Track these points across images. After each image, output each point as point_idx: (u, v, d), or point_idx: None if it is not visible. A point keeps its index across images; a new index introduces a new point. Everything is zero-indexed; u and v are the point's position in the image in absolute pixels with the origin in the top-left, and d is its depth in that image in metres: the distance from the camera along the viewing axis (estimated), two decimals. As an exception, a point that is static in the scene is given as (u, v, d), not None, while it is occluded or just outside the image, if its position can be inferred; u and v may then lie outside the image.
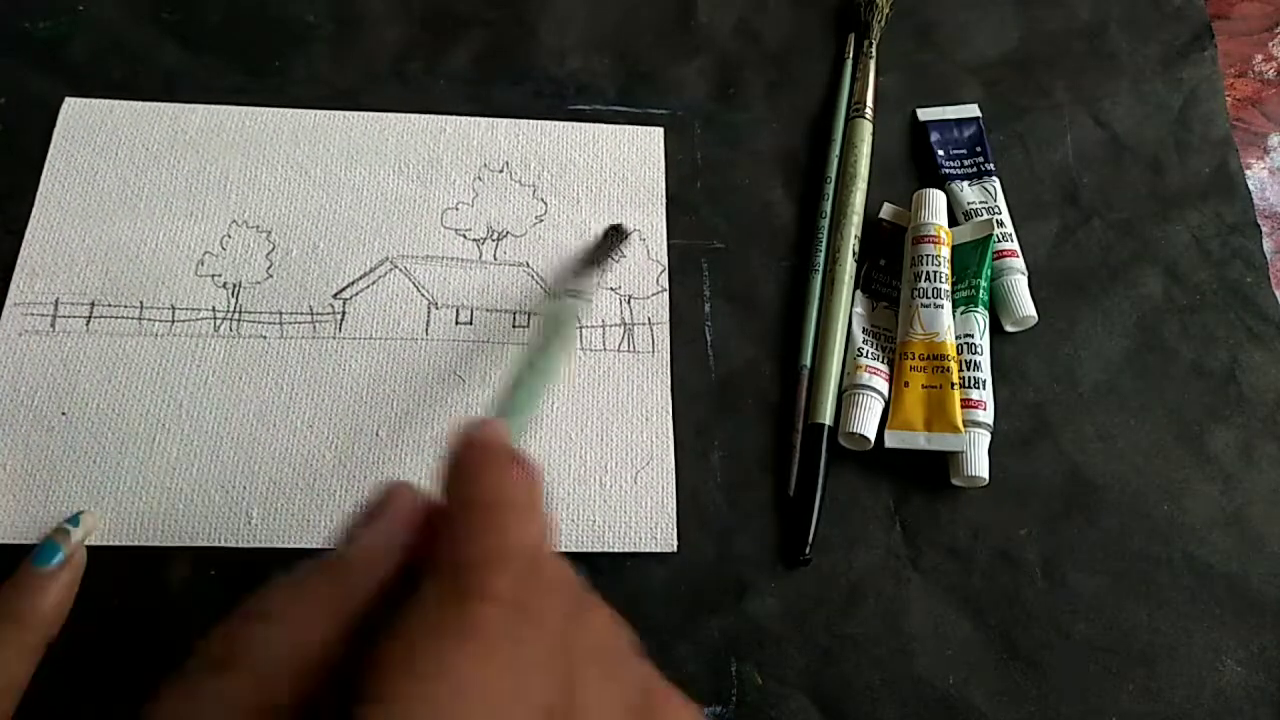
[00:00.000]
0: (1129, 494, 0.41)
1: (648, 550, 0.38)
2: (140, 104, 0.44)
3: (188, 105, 0.44)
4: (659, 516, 0.38)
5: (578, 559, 0.37)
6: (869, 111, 0.47)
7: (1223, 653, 0.38)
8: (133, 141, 0.44)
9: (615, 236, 0.43)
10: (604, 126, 0.46)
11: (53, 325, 0.40)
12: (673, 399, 0.41)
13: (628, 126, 0.46)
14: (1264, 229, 0.47)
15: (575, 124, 0.46)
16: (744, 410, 0.41)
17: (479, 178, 0.44)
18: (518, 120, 0.46)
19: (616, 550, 0.38)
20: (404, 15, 0.48)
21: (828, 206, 0.45)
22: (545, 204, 0.44)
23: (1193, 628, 0.38)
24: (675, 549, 0.38)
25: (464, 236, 0.43)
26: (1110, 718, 0.37)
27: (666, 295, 0.43)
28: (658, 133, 0.46)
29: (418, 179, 0.44)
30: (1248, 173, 0.48)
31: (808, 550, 0.38)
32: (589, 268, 0.42)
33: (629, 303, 0.42)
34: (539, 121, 0.46)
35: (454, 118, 0.46)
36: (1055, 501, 0.40)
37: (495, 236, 0.43)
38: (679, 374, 0.41)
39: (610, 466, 0.39)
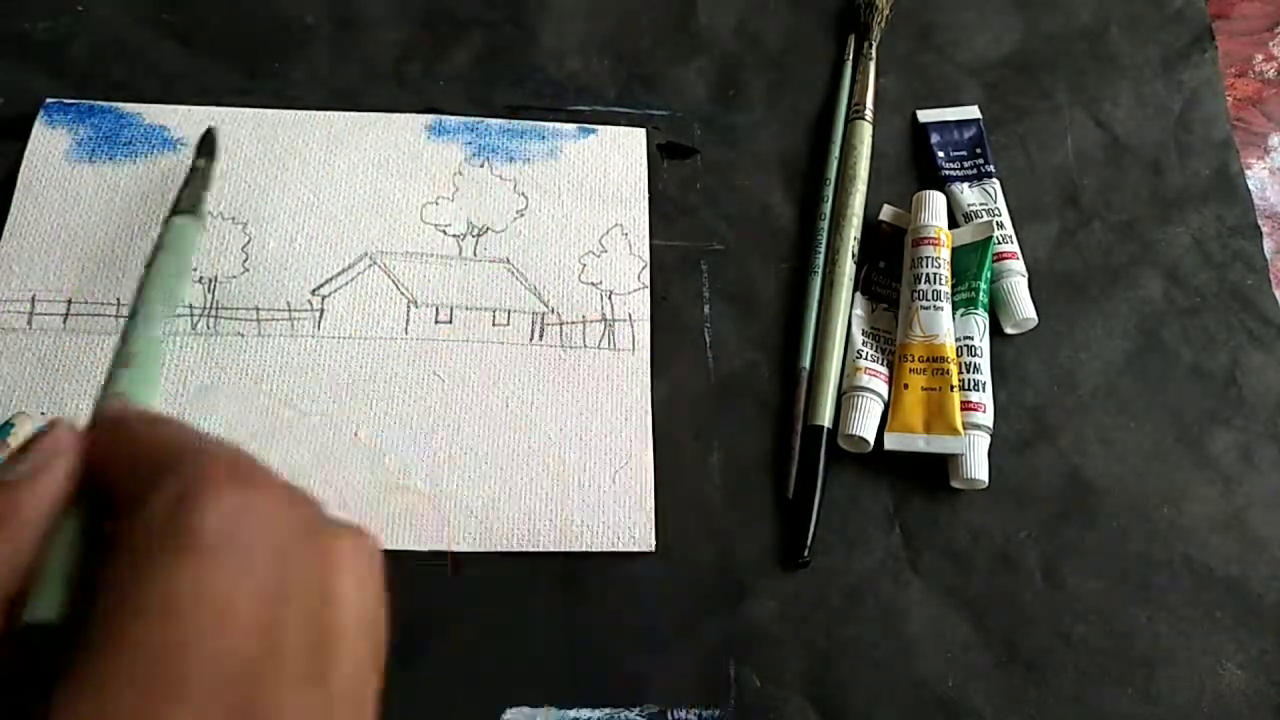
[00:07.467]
0: (1129, 497, 0.40)
1: (625, 550, 0.38)
2: (119, 105, 0.44)
3: (167, 106, 0.44)
4: (637, 516, 0.38)
5: (558, 559, 0.37)
6: (869, 113, 0.47)
7: (1222, 656, 0.38)
8: (109, 140, 0.43)
9: (206, 143, 0.41)
10: (587, 127, 0.46)
11: (29, 323, 0.39)
12: (671, 401, 0.41)
13: (610, 127, 0.46)
14: (1264, 230, 0.47)
15: (558, 125, 0.45)
16: (743, 412, 0.41)
17: (459, 172, 0.44)
18: (499, 120, 0.45)
19: (594, 550, 0.37)
20: (404, 16, 0.48)
21: (827, 208, 0.45)
22: (526, 199, 0.44)
23: (1192, 631, 0.38)
24: (653, 548, 0.38)
25: (444, 232, 0.43)
26: (1109, 721, 0.37)
27: (647, 292, 0.42)
28: (640, 133, 0.46)
29: (397, 173, 0.44)
30: (1248, 173, 0.48)
31: (806, 552, 0.38)
32: (195, 184, 0.39)
33: (610, 298, 0.42)
34: (520, 122, 0.45)
35: (433, 115, 0.45)
36: (1055, 504, 0.40)
37: (475, 232, 0.43)
38: (678, 376, 0.41)
39: (589, 466, 0.39)
